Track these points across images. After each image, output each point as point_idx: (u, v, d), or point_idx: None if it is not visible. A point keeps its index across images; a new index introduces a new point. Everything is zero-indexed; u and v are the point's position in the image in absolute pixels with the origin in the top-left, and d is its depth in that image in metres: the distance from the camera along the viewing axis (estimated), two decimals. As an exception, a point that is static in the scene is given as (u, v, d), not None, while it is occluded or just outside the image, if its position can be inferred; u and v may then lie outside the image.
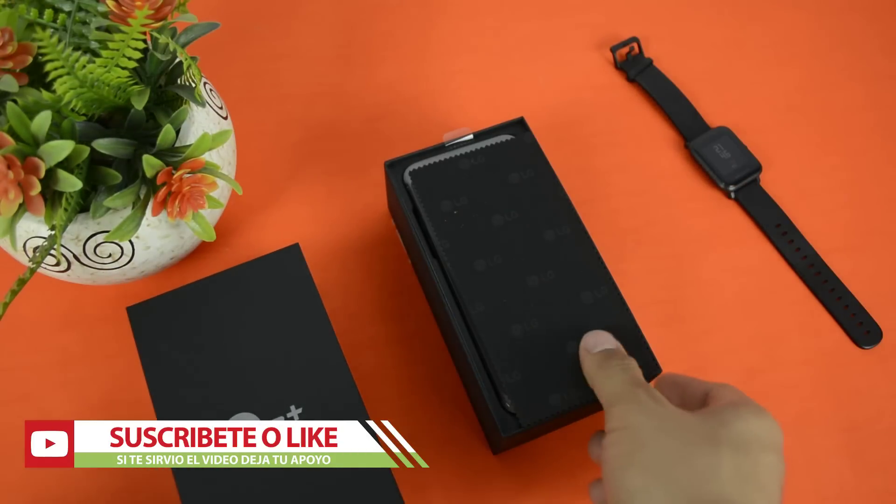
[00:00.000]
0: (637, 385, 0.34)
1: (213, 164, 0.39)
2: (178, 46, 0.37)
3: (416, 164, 0.45)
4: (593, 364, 0.36)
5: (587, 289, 0.41)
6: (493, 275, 0.41)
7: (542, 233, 0.42)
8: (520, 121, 0.47)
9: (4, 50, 0.35)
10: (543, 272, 0.41)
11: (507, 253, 0.41)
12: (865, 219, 0.52)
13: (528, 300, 0.41)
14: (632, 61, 0.57)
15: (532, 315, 0.40)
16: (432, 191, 0.43)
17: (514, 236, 0.42)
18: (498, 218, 0.42)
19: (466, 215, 0.42)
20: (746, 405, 0.33)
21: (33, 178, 0.33)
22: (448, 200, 0.43)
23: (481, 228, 0.42)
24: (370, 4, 0.60)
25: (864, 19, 0.60)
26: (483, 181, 0.44)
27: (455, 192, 0.43)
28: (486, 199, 0.43)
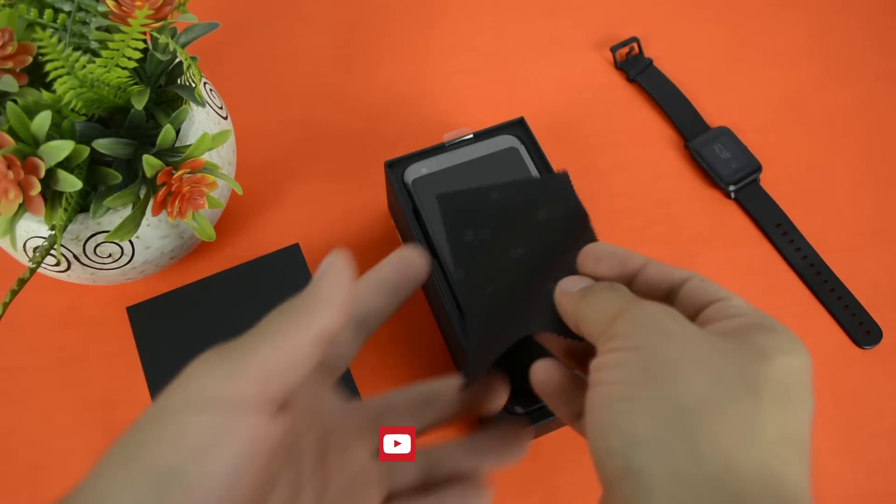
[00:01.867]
0: (637, 299, 0.26)
1: (213, 164, 0.39)
2: (178, 46, 0.37)
3: (421, 168, 0.45)
4: (575, 300, 0.27)
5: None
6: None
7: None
8: (520, 121, 0.47)
9: (4, 50, 0.35)
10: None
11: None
12: (865, 219, 0.52)
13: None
14: (632, 61, 0.57)
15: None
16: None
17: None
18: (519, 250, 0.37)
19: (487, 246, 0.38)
20: (782, 332, 0.24)
21: (33, 178, 0.33)
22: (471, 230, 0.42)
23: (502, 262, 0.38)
24: (370, 4, 0.60)
25: (864, 19, 0.60)
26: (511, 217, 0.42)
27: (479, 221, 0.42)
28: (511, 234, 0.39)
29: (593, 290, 0.27)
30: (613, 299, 0.26)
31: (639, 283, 0.28)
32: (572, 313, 0.27)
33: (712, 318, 0.25)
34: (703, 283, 0.27)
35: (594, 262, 0.28)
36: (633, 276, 0.28)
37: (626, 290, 0.27)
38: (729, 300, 0.26)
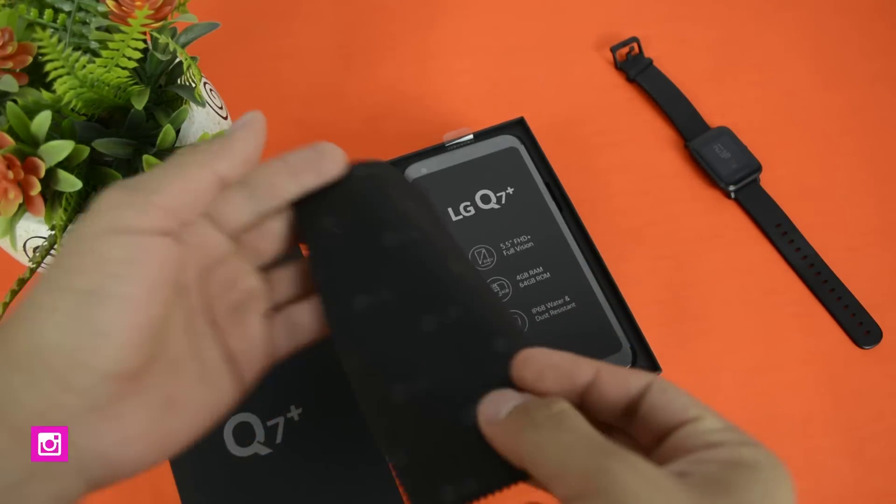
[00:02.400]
0: (602, 451, 0.21)
1: (213, 164, 0.39)
2: (178, 46, 0.37)
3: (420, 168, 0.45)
4: (512, 433, 0.23)
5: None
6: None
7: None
8: (520, 121, 0.47)
9: (4, 50, 0.35)
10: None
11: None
12: (865, 219, 0.52)
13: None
14: (632, 61, 0.57)
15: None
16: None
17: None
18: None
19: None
20: (766, 468, 0.21)
21: (33, 178, 0.33)
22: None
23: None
24: (370, 4, 0.60)
25: (864, 20, 0.60)
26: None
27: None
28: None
29: (539, 428, 0.22)
30: (572, 450, 0.21)
31: (592, 398, 0.24)
32: (515, 454, 0.23)
33: (684, 448, 0.22)
34: (665, 394, 0.24)
35: (535, 375, 0.24)
36: (583, 391, 0.24)
37: (580, 421, 0.22)
38: (700, 421, 0.23)
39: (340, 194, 0.30)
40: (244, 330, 0.28)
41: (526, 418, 0.22)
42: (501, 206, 0.44)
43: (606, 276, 0.42)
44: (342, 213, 0.29)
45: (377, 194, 0.30)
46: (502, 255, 0.43)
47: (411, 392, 0.25)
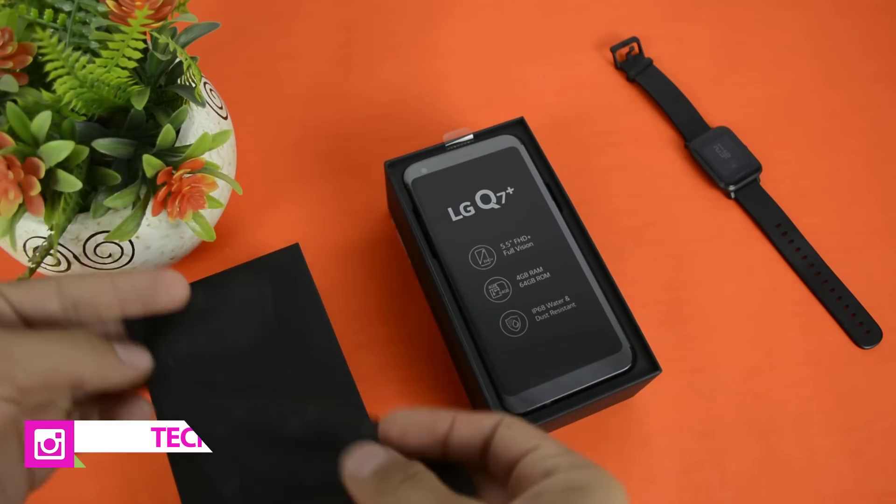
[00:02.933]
0: (446, 501, 0.24)
1: (213, 164, 0.39)
2: (178, 46, 0.37)
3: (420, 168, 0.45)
4: (371, 495, 0.25)
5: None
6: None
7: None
8: (520, 121, 0.47)
9: (4, 50, 0.35)
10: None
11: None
12: (865, 219, 0.52)
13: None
14: (632, 61, 0.57)
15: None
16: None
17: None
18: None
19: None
20: (595, 487, 0.23)
21: (33, 178, 0.33)
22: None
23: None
24: (370, 4, 0.60)
25: (864, 20, 0.60)
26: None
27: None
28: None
29: (396, 489, 0.24)
30: (422, 501, 0.24)
31: (452, 444, 0.27)
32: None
33: (525, 477, 0.24)
34: (509, 430, 0.26)
35: (400, 435, 0.27)
36: (444, 439, 0.27)
37: (432, 482, 0.25)
38: (538, 449, 0.25)
39: (178, 324, 0.31)
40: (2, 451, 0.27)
41: (385, 481, 0.25)
42: (501, 206, 0.44)
43: (606, 276, 0.42)
44: (178, 345, 0.31)
45: (216, 327, 0.32)
46: (502, 255, 0.43)
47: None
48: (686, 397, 0.46)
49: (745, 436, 0.45)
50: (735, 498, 0.44)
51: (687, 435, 0.45)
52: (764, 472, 0.45)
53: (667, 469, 0.44)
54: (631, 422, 0.45)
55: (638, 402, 0.46)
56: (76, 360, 0.27)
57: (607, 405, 0.44)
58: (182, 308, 0.30)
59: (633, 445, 0.45)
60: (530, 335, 0.41)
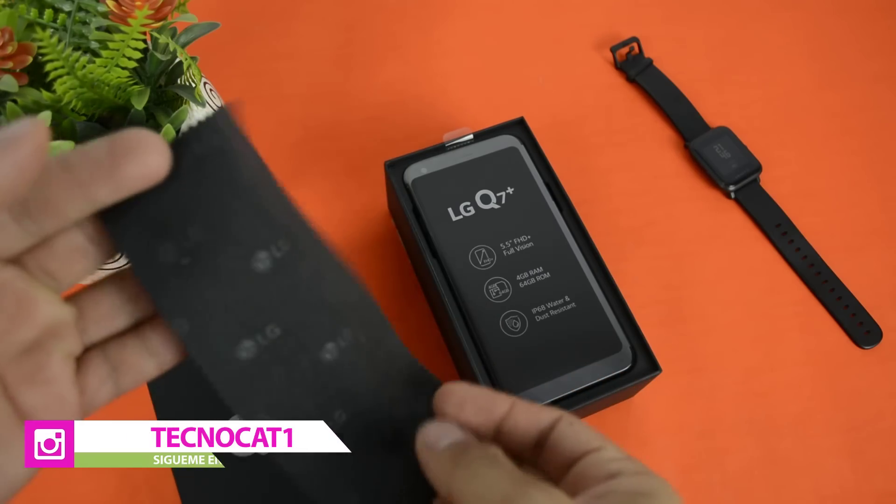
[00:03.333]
0: (523, 482, 0.23)
1: (213, 164, 0.39)
2: (178, 46, 0.37)
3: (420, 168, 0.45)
4: (446, 464, 0.25)
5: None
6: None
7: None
8: (520, 121, 0.47)
9: (4, 50, 0.35)
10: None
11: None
12: (865, 219, 0.52)
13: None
14: (632, 61, 0.57)
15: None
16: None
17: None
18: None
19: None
20: (657, 495, 0.23)
21: (33, 178, 0.33)
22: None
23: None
24: (370, 4, 0.60)
25: (864, 20, 0.60)
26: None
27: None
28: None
29: (472, 462, 0.24)
30: (498, 480, 0.23)
31: (506, 430, 0.26)
32: (444, 482, 0.25)
33: (587, 476, 0.24)
34: (571, 427, 0.26)
35: (456, 406, 0.26)
36: (499, 423, 0.26)
37: (509, 464, 0.24)
38: (602, 451, 0.25)
39: (166, 199, 0.22)
40: (42, 379, 0.22)
41: (462, 455, 0.25)
42: (501, 206, 0.44)
43: (606, 276, 0.42)
44: (174, 228, 0.22)
45: (217, 188, 0.23)
46: (502, 255, 0.43)
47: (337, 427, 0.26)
48: (686, 397, 0.46)
49: (745, 436, 0.45)
50: (735, 498, 0.44)
51: (687, 435, 0.45)
52: (764, 472, 0.45)
53: (667, 469, 0.44)
54: (631, 422, 0.45)
55: (638, 402, 0.46)
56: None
57: (607, 405, 0.44)
58: (162, 178, 0.21)
59: (633, 445, 0.45)
60: (530, 335, 0.41)
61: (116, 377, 0.24)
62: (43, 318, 0.22)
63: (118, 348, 0.24)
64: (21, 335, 0.21)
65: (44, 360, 0.22)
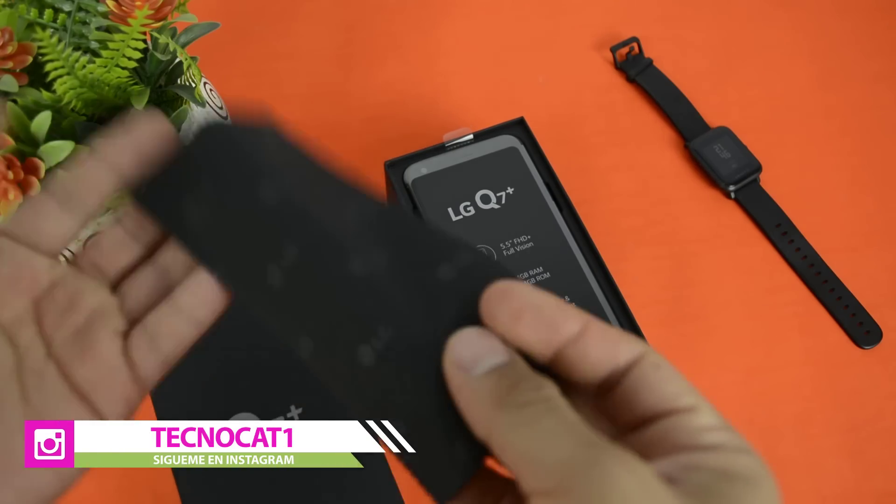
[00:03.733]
0: (592, 444, 0.18)
1: (213, 164, 0.39)
2: (178, 46, 0.37)
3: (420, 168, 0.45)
4: (486, 400, 0.19)
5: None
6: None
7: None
8: (520, 121, 0.47)
9: (4, 50, 0.35)
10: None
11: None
12: (865, 219, 0.52)
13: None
14: (632, 61, 0.57)
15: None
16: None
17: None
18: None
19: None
20: (762, 485, 0.19)
21: (33, 178, 0.33)
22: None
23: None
24: (370, 4, 0.60)
25: (864, 20, 0.60)
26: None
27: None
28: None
29: (524, 407, 0.19)
30: (558, 437, 0.18)
31: (569, 358, 0.20)
32: (482, 423, 0.19)
33: (673, 444, 0.19)
34: (657, 371, 0.20)
35: (512, 316, 0.20)
36: (563, 346, 0.20)
37: (572, 414, 0.19)
38: (694, 413, 0.19)
39: (189, 166, 0.26)
40: (94, 355, 0.23)
41: (508, 394, 0.19)
42: (501, 206, 0.44)
43: (606, 276, 0.42)
44: (201, 187, 0.25)
45: (233, 152, 0.26)
46: (502, 255, 0.43)
47: (379, 351, 0.22)
48: (686, 397, 0.46)
49: (745, 436, 0.45)
50: (735, 498, 0.44)
51: (687, 435, 0.45)
52: (764, 472, 0.45)
53: (667, 469, 0.44)
54: (631, 422, 0.45)
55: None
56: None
57: (607, 405, 0.44)
58: (172, 145, 0.26)
59: (633, 445, 0.45)
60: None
61: (157, 345, 0.24)
62: (90, 305, 0.24)
63: (154, 319, 0.24)
64: (72, 322, 0.24)
65: (93, 338, 0.24)
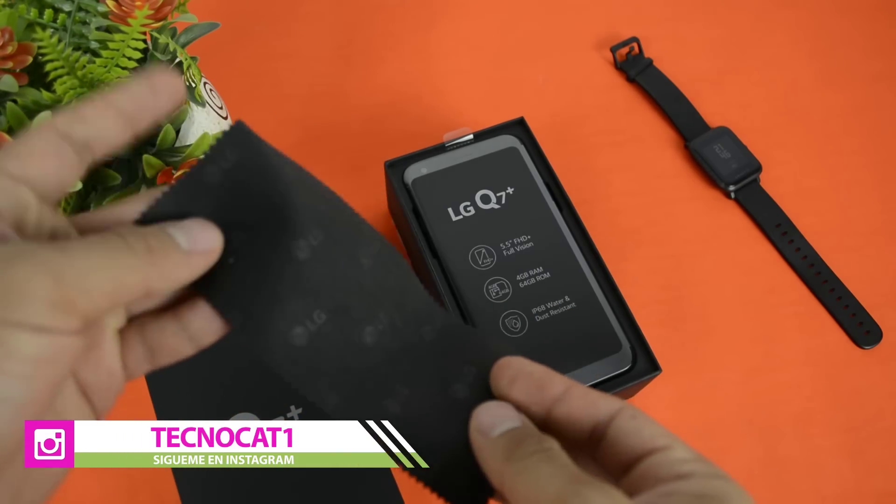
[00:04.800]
0: (578, 480, 0.21)
1: (213, 164, 0.39)
2: (178, 46, 0.37)
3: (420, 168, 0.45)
4: (499, 455, 0.23)
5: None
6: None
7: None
8: (520, 121, 0.47)
9: (4, 50, 0.35)
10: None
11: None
12: (865, 219, 0.52)
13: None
14: (632, 61, 0.57)
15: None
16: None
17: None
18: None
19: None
20: (730, 501, 0.22)
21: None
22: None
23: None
24: (370, 4, 0.60)
25: (864, 19, 0.60)
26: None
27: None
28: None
29: (526, 457, 0.23)
30: (551, 478, 0.22)
31: (558, 414, 0.24)
32: (497, 474, 0.23)
33: (654, 477, 0.22)
34: (633, 421, 0.23)
35: (509, 381, 0.25)
36: (552, 404, 0.24)
37: (565, 459, 0.22)
38: (669, 450, 0.23)
39: (203, 212, 0.24)
40: (97, 356, 0.23)
41: (517, 447, 0.23)
42: (501, 206, 0.44)
43: (606, 276, 0.42)
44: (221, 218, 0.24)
45: (247, 192, 0.25)
46: (502, 255, 0.43)
47: (402, 406, 0.26)
48: (686, 397, 0.46)
49: (745, 436, 0.45)
50: (735, 498, 0.44)
51: (687, 435, 0.45)
52: (764, 472, 0.45)
53: (667, 469, 0.44)
54: (631, 422, 0.45)
55: (638, 403, 0.46)
56: (136, 267, 0.21)
57: (607, 405, 0.44)
58: (179, 104, 0.25)
59: (633, 445, 0.45)
60: (530, 335, 0.41)
61: (153, 358, 0.24)
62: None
63: (157, 330, 0.24)
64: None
65: (98, 337, 0.23)
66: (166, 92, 0.24)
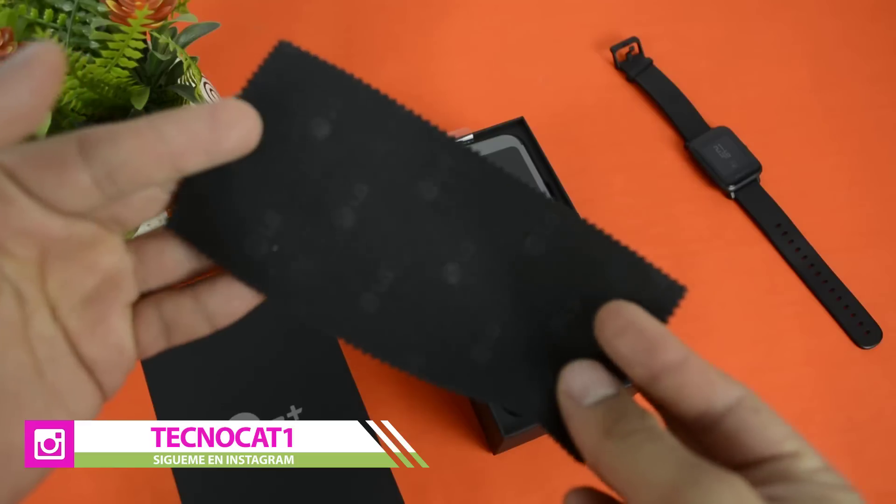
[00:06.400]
0: (693, 466, 0.19)
1: (213, 164, 0.39)
2: (178, 46, 0.37)
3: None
4: (594, 429, 0.21)
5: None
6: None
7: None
8: (520, 121, 0.47)
9: (4, 50, 0.35)
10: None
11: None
12: (865, 219, 0.52)
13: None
14: (632, 61, 0.57)
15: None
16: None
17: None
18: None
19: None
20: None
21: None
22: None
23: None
24: (370, 4, 0.60)
25: (864, 19, 0.60)
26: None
27: None
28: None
29: (629, 435, 0.20)
30: (661, 461, 0.19)
31: (665, 385, 0.21)
32: (590, 449, 0.21)
33: (776, 489, 0.19)
34: (757, 416, 0.20)
35: (614, 332, 0.21)
36: (661, 372, 0.21)
37: (673, 441, 0.20)
38: (800, 459, 0.20)
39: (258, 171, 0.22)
40: (103, 330, 0.22)
41: (616, 424, 0.20)
42: (501, 206, 0.44)
43: (606, 276, 0.42)
44: (252, 220, 0.23)
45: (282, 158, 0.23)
46: (502, 255, 0.43)
47: (492, 349, 0.23)
48: (686, 397, 0.46)
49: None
50: (735, 498, 0.44)
51: (687, 435, 0.45)
52: (764, 472, 0.45)
53: (667, 469, 0.44)
54: (631, 422, 0.45)
55: (638, 403, 0.46)
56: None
57: (607, 405, 0.44)
58: (255, 146, 0.21)
59: (633, 445, 0.45)
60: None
61: (169, 335, 0.23)
62: (105, 268, 0.22)
63: (174, 306, 0.23)
64: (84, 284, 0.21)
65: (105, 310, 0.22)
66: (233, 129, 0.21)
